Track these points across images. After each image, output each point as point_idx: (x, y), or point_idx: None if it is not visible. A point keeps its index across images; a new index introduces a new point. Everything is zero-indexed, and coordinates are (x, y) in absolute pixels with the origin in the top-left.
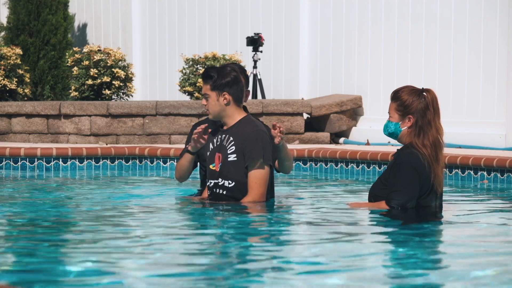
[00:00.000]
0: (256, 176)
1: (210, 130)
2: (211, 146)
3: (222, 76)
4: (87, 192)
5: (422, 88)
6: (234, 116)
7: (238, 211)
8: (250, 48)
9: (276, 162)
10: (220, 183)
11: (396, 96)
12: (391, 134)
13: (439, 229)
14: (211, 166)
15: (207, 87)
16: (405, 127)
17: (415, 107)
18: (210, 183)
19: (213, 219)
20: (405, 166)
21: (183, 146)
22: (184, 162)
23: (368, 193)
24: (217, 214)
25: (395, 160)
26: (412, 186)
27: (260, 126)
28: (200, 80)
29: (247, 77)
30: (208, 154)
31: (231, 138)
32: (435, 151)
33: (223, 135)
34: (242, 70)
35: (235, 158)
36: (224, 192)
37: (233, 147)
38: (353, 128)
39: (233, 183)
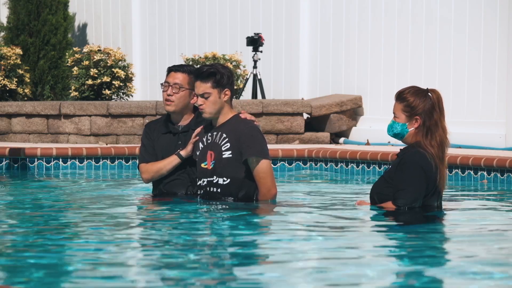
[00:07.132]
0: (262, 171)
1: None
2: (200, 145)
3: (222, 73)
4: (87, 191)
5: (427, 88)
6: (228, 113)
7: (236, 211)
8: (250, 48)
9: None
10: (214, 181)
11: (401, 97)
12: (396, 135)
13: (441, 229)
14: (202, 165)
15: (207, 85)
16: (413, 128)
17: (422, 108)
18: (203, 181)
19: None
20: (412, 165)
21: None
22: (169, 167)
23: (369, 193)
24: (213, 213)
25: (401, 159)
26: (418, 185)
27: (251, 122)
28: None
29: None
30: (198, 153)
31: (224, 135)
32: (442, 152)
33: (215, 133)
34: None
35: (230, 155)
36: (219, 190)
37: (228, 143)
38: (353, 128)
39: (228, 180)
